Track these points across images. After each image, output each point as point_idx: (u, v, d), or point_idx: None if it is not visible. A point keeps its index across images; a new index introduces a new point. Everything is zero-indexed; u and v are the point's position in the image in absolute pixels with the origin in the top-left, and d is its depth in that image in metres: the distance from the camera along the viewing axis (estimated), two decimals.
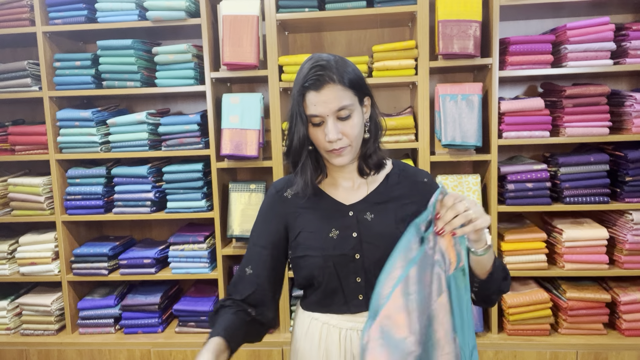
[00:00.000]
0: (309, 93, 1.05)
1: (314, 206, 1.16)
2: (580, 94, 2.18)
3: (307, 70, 1.05)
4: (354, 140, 1.08)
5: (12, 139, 2.47)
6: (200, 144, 2.36)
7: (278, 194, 1.20)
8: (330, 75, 1.04)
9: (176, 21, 2.28)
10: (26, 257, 2.46)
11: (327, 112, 1.05)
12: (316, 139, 1.09)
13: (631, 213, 2.18)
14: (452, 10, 2.13)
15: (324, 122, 1.06)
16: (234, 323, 1.10)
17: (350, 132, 1.06)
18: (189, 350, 2.33)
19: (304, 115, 1.07)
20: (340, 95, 1.04)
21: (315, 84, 1.04)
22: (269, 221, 1.18)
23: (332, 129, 1.05)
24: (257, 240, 1.18)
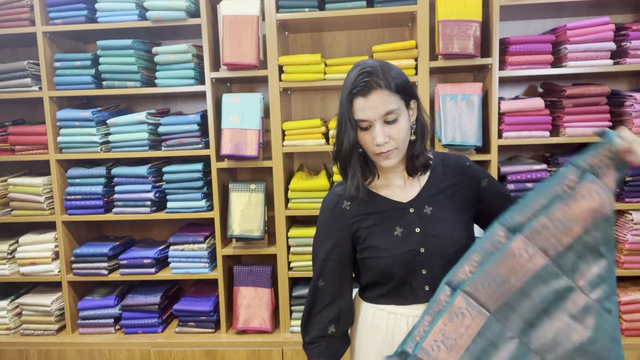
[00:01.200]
0: (357, 99, 1.10)
1: (374, 210, 1.20)
2: (580, 94, 2.18)
3: (355, 77, 1.09)
4: (400, 143, 1.13)
5: (12, 139, 2.47)
6: (200, 144, 2.37)
7: (336, 208, 1.22)
8: (377, 81, 1.08)
9: (176, 21, 2.28)
10: (26, 257, 2.46)
11: (375, 116, 1.09)
12: (365, 142, 1.14)
13: (631, 213, 2.18)
14: (452, 10, 2.13)
15: (372, 127, 1.11)
16: None
17: (397, 135, 1.11)
18: (189, 350, 2.33)
19: (353, 120, 1.11)
20: (387, 100, 1.09)
21: (363, 90, 1.08)
22: (332, 236, 1.22)
23: (379, 133, 1.09)
24: (324, 255, 1.22)
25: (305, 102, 2.62)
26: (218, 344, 2.33)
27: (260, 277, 2.40)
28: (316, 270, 1.24)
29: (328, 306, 1.21)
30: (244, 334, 2.39)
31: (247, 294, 2.39)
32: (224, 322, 2.41)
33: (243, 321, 2.37)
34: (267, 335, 2.37)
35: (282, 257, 2.34)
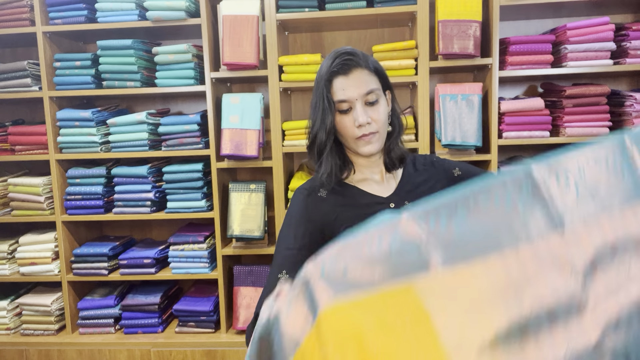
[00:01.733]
0: (337, 78, 1.06)
1: (353, 202, 1.14)
2: (580, 94, 2.18)
3: (334, 58, 1.07)
4: (381, 126, 1.09)
5: (12, 139, 2.47)
6: (200, 144, 2.37)
7: (311, 196, 1.14)
8: (357, 61, 1.06)
9: (176, 21, 2.28)
10: (26, 257, 2.46)
11: (356, 95, 1.05)
12: (344, 127, 1.08)
13: None
14: (452, 10, 2.13)
15: (352, 109, 1.07)
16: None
17: (378, 117, 1.07)
18: (189, 350, 2.33)
19: (332, 102, 1.06)
20: (367, 80, 1.06)
21: (344, 67, 1.05)
22: (302, 224, 1.11)
23: (361, 113, 1.05)
24: (289, 244, 1.10)
25: (305, 102, 2.62)
26: (218, 344, 2.33)
27: (260, 277, 2.40)
28: (278, 260, 1.10)
29: None
30: (244, 334, 2.39)
31: (247, 294, 2.39)
32: (224, 322, 2.41)
33: (243, 321, 2.37)
34: None
35: None
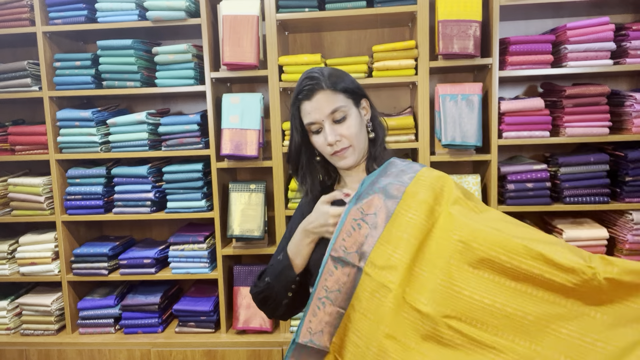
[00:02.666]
0: (303, 104, 1.13)
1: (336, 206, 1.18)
2: (580, 94, 2.18)
3: (299, 84, 1.14)
4: (353, 140, 1.13)
5: (12, 139, 2.47)
6: (200, 144, 2.37)
7: (307, 196, 1.25)
8: (319, 84, 1.11)
9: (176, 21, 2.28)
10: (26, 257, 2.46)
11: (322, 117, 1.11)
12: (319, 145, 1.15)
13: (631, 213, 2.18)
14: (452, 10, 2.13)
15: (322, 128, 1.13)
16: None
17: (347, 132, 1.12)
18: (189, 350, 2.33)
19: (300, 126, 1.16)
20: (331, 99, 1.11)
21: (307, 94, 1.11)
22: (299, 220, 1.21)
23: (329, 132, 1.11)
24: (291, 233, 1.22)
25: None
26: (218, 344, 2.33)
27: None
28: (280, 246, 1.25)
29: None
30: (244, 334, 2.39)
31: (247, 294, 2.39)
32: (224, 322, 2.41)
33: (243, 321, 2.37)
34: (267, 335, 2.37)
35: None
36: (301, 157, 1.19)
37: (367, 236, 1.03)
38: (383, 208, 1.04)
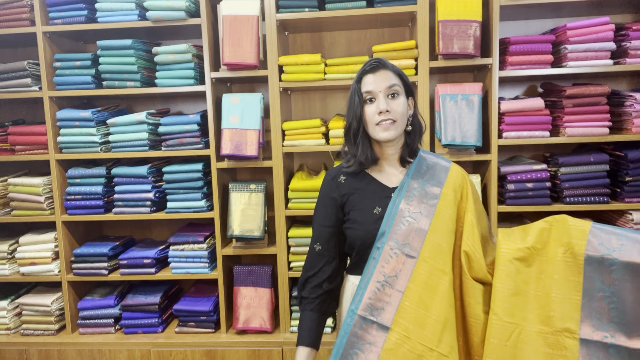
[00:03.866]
0: (367, 75, 1.31)
1: (364, 187, 1.36)
2: (580, 94, 2.18)
3: (366, 63, 1.33)
4: (399, 117, 1.30)
5: (12, 139, 2.47)
6: (200, 144, 2.37)
7: (333, 180, 1.39)
8: (384, 63, 1.32)
9: (176, 21, 2.29)
10: (26, 257, 2.46)
11: (380, 88, 1.29)
12: (369, 114, 1.31)
13: (631, 213, 2.18)
14: (452, 10, 2.13)
15: (376, 99, 1.30)
16: (314, 322, 1.34)
17: (396, 108, 1.30)
18: (189, 350, 2.33)
19: (361, 92, 1.31)
20: (390, 77, 1.31)
21: (373, 68, 1.31)
22: (328, 204, 1.37)
23: (382, 102, 1.29)
24: (321, 221, 1.38)
25: (305, 102, 2.62)
26: (218, 344, 2.33)
27: (260, 277, 2.40)
28: (314, 234, 1.39)
29: (324, 267, 1.36)
30: (244, 334, 2.39)
31: (247, 294, 2.39)
32: (224, 322, 2.41)
33: (243, 321, 2.37)
34: (267, 335, 2.37)
35: (282, 257, 2.34)
36: (359, 126, 1.32)
37: (418, 229, 1.23)
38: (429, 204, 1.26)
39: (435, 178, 1.30)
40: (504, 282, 1.19)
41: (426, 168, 1.33)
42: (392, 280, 1.19)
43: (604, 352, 1.08)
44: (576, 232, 1.16)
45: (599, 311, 1.11)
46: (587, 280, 1.13)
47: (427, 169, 1.33)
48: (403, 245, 1.22)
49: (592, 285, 1.12)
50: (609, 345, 1.08)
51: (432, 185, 1.29)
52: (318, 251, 1.37)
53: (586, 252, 1.14)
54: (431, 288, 1.18)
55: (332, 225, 1.36)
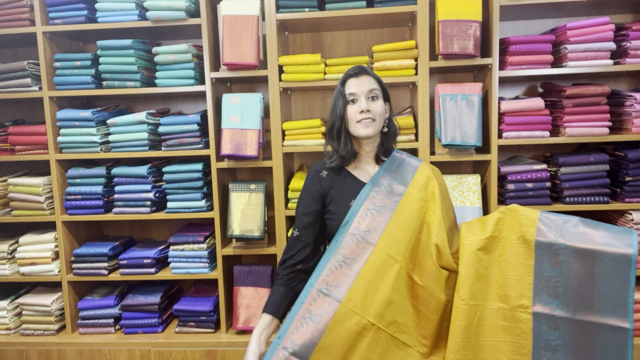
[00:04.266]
0: (350, 79, 1.47)
1: (342, 182, 1.52)
2: (580, 94, 2.19)
3: (350, 69, 1.49)
4: (377, 117, 1.45)
5: (12, 139, 2.47)
6: (200, 144, 2.37)
7: (317, 175, 1.53)
8: (366, 70, 1.49)
9: (176, 21, 2.29)
10: (26, 257, 2.46)
11: (362, 91, 1.45)
12: (351, 113, 1.46)
13: (631, 213, 2.18)
14: (452, 10, 2.13)
15: (358, 101, 1.45)
16: (279, 294, 1.48)
17: (375, 109, 1.45)
18: (189, 350, 2.33)
19: (345, 95, 1.46)
20: (371, 82, 1.47)
21: (356, 73, 1.48)
22: (310, 196, 1.52)
23: (364, 103, 1.44)
24: (302, 210, 1.53)
25: (305, 102, 2.62)
26: (218, 344, 2.33)
27: (260, 277, 2.40)
28: (295, 222, 1.54)
29: (300, 250, 1.50)
30: (244, 334, 2.39)
31: (247, 294, 2.39)
32: (224, 322, 2.41)
33: (243, 321, 2.37)
34: None
35: None
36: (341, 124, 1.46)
37: (377, 222, 1.39)
38: (392, 200, 1.41)
39: (402, 177, 1.46)
40: (468, 270, 1.34)
41: (396, 167, 1.49)
42: (349, 261, 1.36)
43: (553, 321, 1.28)
44: (527, 221, 1.34)
45: (547, 289, 1.30)
46: (538, 263, 1.31)
47: (397, 168, 1.49)
48: (364, 233, 1.38)
49: (541, 267, 1.31)
50: (556, 317, 1.28)
51: (398, 184, 1.45)
52: (296, 237, 1.51)
53: (536, 239, 1.31)
54: (382, 273, 1.34)
55: (310, 214, 1.51)
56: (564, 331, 1.27)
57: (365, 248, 1.36)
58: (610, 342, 1.24)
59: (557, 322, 1.28)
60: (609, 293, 1.25)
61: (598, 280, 1.26)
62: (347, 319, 1.30)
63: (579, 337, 1.27)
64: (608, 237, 1.27)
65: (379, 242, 1.36)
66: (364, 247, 1.36)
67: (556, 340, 1.28)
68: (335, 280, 1.34)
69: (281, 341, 1.30)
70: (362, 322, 1.31)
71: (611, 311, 1.24)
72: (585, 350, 1.26)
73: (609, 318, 1.24)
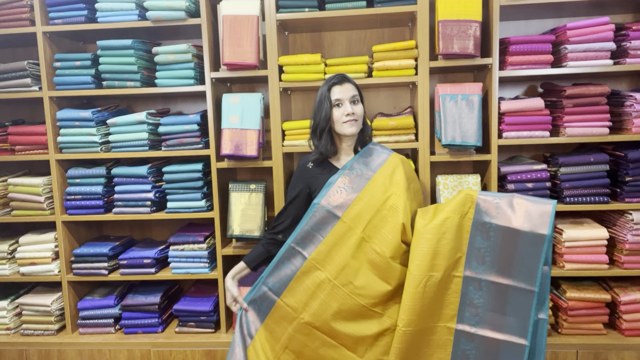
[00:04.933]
0: (335, 86, 1.75)
1: (324, 172, 1.80)
2: (580, 94, 2.18)
3: (332, 77, 1.78)
4: (359, 117, 1.75)
5: (12, 139, 2.47)
6: (200, 144, 2.37)
7: (304, 166, 1.84)
8: (348, 78, 1.79)
9: (176, 21, 2.29)
10: (26, 257, 2.46)
11: (346, 97, 1.74)
12: (337, 116, 1.74)
13: (631, 213, 2.18)
14: (452, 10, 2.13)
15: (342, 105, 1.74)
16: (257, 251, 1.84)
17: (357, 111, 1.75)
18: (189, 350, 2.33)
19: (330, 99, 1.74)
20: (352, 89, 1.76)
21: (340, 81, 1.76)
22: (298, 183, 1.83)
23: (349, 106, 1.73)
24: (290, 193, 1.84)
25: (305, 102, 2.62)
26: (218, 344, 2.33)
27: None
28: (285, 204, 1.84)
29: (281, 223, 1.82)
30: None
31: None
32: (224, 322, 2.41)
33: None
34: None
35: None
36: (326, 125, 1.74)
37: (346, 199, 1.69)
38: (360, 183, 1.71)
39: (371, 165, 1.76)
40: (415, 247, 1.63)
41: (368, 156, 1.79)
42: (318, 227, 1.68)
43: (477, 283, 1.61)
44: (468, 203, 1.64)
45: (477, 257, 1.62)
46: (472, 238, 1.63)
47: (368, 157, 1.79)
48: (333, 207, 1.68)
49: (474, 240, 1.62)
50: (481, 279, 1.61)
51: (368, 170, 1.75)
52: (282, 211, 1.84)
53: (474, 218, 1.63)
54: (343, 241, 1.66)
55: (295, 196, 1.81)
56: (485, 291, 1.60)
57: (332, 219, 1.68)
58: (519, 302, 1.56)
59: (481, 284, 1.61)
60: (525, 263, 1.56)
61: (517, 253, 1.57)
62: (310, 272, 1.67)
63: (495, 296, 1.59)
64: (531, 218, 1.57)
65: (343, 216, 1.67)
66: (330, 218, 1.68)
67: (478, 299, 1.61)
68: (305, 241, 1.69)
69: (262, 280, 1.72)
70: (321, 276, 1.66)
71: (524, 278, 1.56)
72: (500, 307, 1.58)
73: (521, 282, 1.56)
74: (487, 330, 1.59)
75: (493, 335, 1.58)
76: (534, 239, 1.55)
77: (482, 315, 1.60)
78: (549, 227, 1.54)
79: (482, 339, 1.60)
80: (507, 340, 1.57)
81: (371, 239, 1.66)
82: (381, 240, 1.65)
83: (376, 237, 1.66)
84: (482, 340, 1.59)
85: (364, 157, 1.79)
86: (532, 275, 1.55)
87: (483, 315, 1.60)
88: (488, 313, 1.59)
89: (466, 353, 1.62)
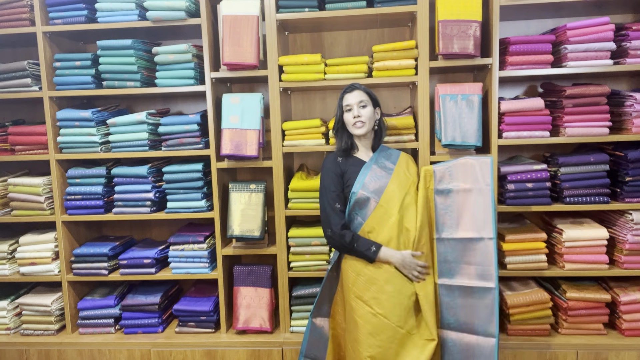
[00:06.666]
0: (346, 94, 1.99)
1: (353, 163, 2.00)
2: (580, 94, 2.18)
3: (346, 87, 2.01)
4: (365, 120, 1.95)
5: (12, 139, 2.47)
6: (200, 144, 2.37)
7: (335, 160, 2.01)
8: (357, 87, 1.99)
9: (176, 21, 2.29)
10: (26, 257, 2.46)
11: (354, 102, 1.96)
12: (348, 119, 1.98)
13: (631, 213, 2.18)
14: (452, 10, 2.13)
15: (352, 109, 1.96)
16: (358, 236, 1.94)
17: (364, 114, 1.95)
18: (189, 350, 2.33)
19: (342, 106, 1.99)
20: (361, 95, 1.97)
21: (350, 90, 1.99)
22: (333, 176, 1.97)
23: (356, 110, 1.95)
24: (333, 188, 1.96)
25: (305, 102, 2.62)
26: (218, 344, 2.33)
27: (260, 277, 2.40)
28: (330, 199, 1.95)
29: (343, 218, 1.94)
30: (244, 334, 2.39)
31: (247, 294, 2.39)
32: (224, 322, 2.41)
33: (243, 321, 2.37)
34: (267, 335, 2.37)
35: (282, 257, 2.34)
36: (341, 126, 2.01)
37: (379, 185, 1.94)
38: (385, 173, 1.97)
39: (390, 159, 2.03)
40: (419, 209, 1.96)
41: (385, 153, 2.06)
42: (359, 211, 1.94)
43: (447, 242, 1.93)
44: (428, 177, 1.98)
45: (442, 221, 1.95)
46: (436, 204, 1.96)
47: (385, 154, 2.05)
48: (370, 192, 1.92)
49: (438, 205, 1.96)
50: (448, 239, 1.93)
51: (389, 162, 2.01)
52: (339, 208, 1.95)
53: (435, 187, 1.97)
54: (382, 221, 1.91)
55: (338, 189, 1.96)
56: (452, 247, 1.91)
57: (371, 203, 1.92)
58: (481, 249, 1.85)
59: (450, 242, 1.92)
60: (479, 216, 1.86)
61: (472, 207, 1.88)
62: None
63: (462, 249, 1.90)
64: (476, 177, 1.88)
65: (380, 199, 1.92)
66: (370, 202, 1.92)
67: (449, 254, 1.92)
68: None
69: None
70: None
71: (481, 228, 1.85)
72: (467, 257, 1.88)
73: (481, 232, 1.85)
74: (463, 279, 1.89)
75: (467, 283, 1.88)
76: (482, 192, 1.86)
77: (455, 268, 1.91)
78: (491, 180, 1.85)
79: (459, 289, 1.90)
80: (478, 286, 1.86)
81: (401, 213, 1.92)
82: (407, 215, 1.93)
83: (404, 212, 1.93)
84: (460, 290, 1.90)
85: (382, 153, 2.05)
86: (488, 225, 1.84)
87: (456, 268, 1.90)
88: (460, 265, 1.90)
89: (450, 304, 1.92)
